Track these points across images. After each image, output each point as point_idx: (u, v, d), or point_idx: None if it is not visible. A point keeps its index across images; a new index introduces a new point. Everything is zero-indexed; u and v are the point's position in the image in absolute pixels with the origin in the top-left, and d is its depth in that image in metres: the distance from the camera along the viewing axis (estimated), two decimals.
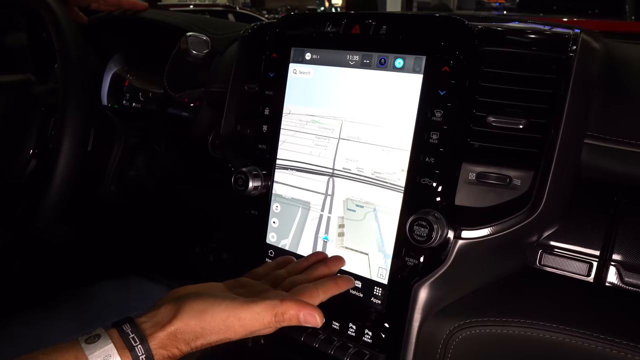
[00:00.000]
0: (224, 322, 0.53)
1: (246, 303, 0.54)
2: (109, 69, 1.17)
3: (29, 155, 0.90)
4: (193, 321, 0.53)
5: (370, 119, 0.67)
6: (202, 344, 0.54)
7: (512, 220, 0.60)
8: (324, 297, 0.58)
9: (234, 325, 0.54)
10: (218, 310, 0.53)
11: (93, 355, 0.50)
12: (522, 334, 0.61)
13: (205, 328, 0.53)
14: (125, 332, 0.52)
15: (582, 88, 0.60)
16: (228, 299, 0.54)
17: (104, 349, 0.50)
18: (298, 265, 0.66)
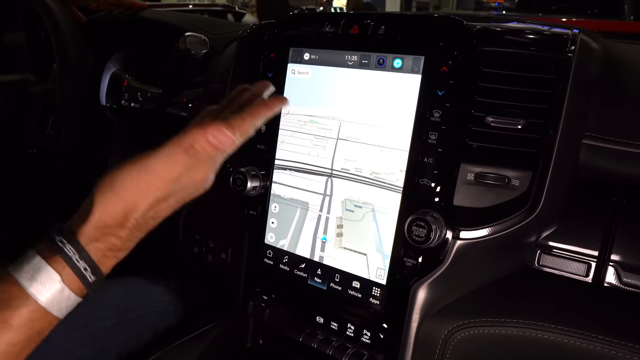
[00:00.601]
0: (137, 182, 0.48)
1: (151, 152, 0.49)
2: (107, 69, 1.16)
3: (27, 155, 0.90)
4: (109, 199, 0.48)
5: (369, 119, 0.67)
6: (137, 219, 0.49)
7: (510, 220, 0.60)
8: (252, 121, 0.53)
9: (150, 181, 0.48)
10: (125, 173, 0.48)
11: (21, 273, 0.46)
12: (521, 334, 0.61)
13: (126, 199, 0.48)
14: (51, 238, 0.47)
15: (581, 88, 0.60)
16: (133, 159, 0.49)
17: (32, 263, 0.46)
18: (221, 106, 0.58)
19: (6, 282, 0.46)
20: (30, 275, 0.45)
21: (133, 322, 0.86)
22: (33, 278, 0.45)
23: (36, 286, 0.45)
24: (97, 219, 0.48)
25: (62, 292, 0.46)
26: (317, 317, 0.72)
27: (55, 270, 0.46)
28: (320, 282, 0.71)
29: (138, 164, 0.48)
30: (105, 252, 0.48)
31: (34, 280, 0.45)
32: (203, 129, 0.49)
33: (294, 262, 0.74)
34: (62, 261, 0.46)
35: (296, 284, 0.74)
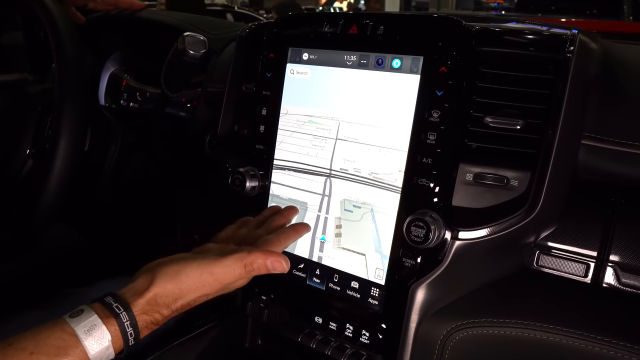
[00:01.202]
0: (199, 279, 0.57)
1: (217, 259, 0.58)
2: (106, 69, 1.16)
3: (25, 156, 0.90)
4: (169, 284, 0.57)
5: (368, 120, 0.67)
6: (182, 304, 0.58)
7: (509, 221, 0.60)
8: (285, 243, 0.64)
9: (208, 281, 0.57)
10: (191, 269, 0.57)
11: (79, 326, 0.52)
12: (520, 335, 0.61)
13: (182, 288, 0.57)
14: (108, 303, 0.55)
15: (580, 89, 0.60)
16: (199, 258, 0.59)
17: (89, 320, 0.53)
18: (256, 221, 0.71)
19: (64, 332, 0.52)
20: (86, 330, 0.53)
21: None
22: (89, 333, 0.52)
23: (90, 341, 0.52)
24: (153, 295, 0.56)
25: (107, 350, 0.53)
26: (315, 318, 0.72)
27: (108, 331, 0.53)
28: (319, 282, 0.71)
29: (204, 265, 0.58)
30: (148, 323, 0.56)
31: (89, 335, 0.52)
32: (264, 255, 0.59)
33: (293, 262, 0.74)
34: (115, 325, 0.54)
35: (295, 284, 0.74)
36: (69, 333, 0.52)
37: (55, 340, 0.52)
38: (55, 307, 0.88)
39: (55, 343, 0.52)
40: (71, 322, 0.53)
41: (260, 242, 0.63)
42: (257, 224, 0.71)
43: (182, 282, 0.57)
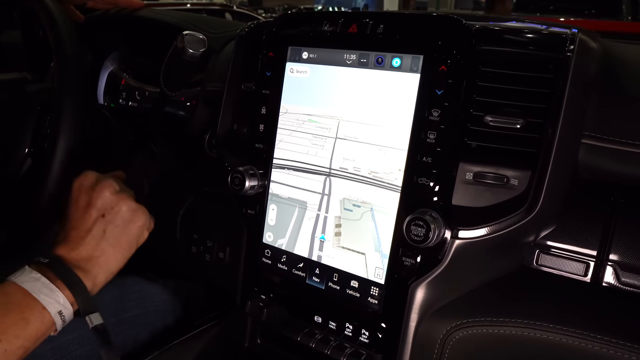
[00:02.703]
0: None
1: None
2: (105, 68, 1.16)
3: (24, 154, 0.89)
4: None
5: (368, 119, 0.67)
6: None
7: (509, 220, 0.60)
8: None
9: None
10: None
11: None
12: (519, 334, 0.61)
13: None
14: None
15: (580, 88, 0.60)
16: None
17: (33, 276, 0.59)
18: None
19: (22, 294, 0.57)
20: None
21: (131, 322, 0.86)
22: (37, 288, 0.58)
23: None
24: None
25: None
26: (315, 317, 0.72)
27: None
28: (319, 281, 0.71)
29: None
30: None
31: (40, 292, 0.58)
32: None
33: (292, 261, 0.74)
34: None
35: (294, 283, 0.74)
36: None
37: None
38: None
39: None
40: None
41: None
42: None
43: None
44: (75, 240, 0.63)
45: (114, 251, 0.65)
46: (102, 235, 0.64)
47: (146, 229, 0.69)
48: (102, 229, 0.64)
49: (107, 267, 0.64)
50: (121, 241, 0.66)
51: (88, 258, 0.63)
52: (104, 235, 0.64)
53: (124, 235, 0.66)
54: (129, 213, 0.67)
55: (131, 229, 0.67)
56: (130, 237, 0.67)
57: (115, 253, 0.65)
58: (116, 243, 0.65)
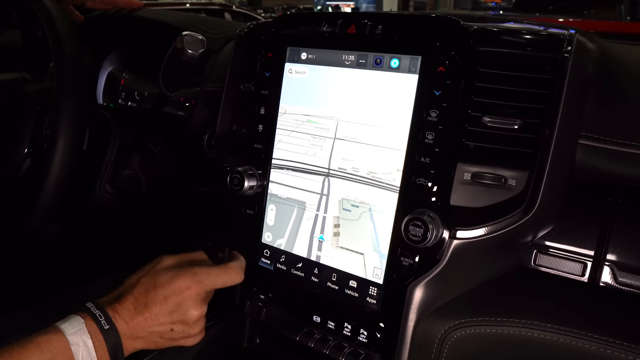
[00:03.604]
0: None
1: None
2: (104, 68, 1.16)
3: (23, 154, 0.90)
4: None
5: (366, 119, 0.67)
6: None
7: (507, 220, 0.60)
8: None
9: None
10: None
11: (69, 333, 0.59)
12: (517, 334, 0.61)
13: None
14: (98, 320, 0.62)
15: (577, 88, 0.61)
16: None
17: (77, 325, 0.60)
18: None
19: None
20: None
21: None
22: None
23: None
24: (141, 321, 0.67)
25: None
26: (314, 317, 0.72)
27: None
28: (317, 281, 0.71)
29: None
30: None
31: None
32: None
33: (291, 261, 0.74)
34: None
35: (293, 283, 0.74)
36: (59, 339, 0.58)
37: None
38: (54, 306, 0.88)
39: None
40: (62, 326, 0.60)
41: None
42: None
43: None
44: (136, 322, 0.64)
45: (152, 345, 0.67)
46: (157, 338, 0.66)
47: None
48: (160, 335, 0.66)
49: (139, 348, 0.66)
50: (165, 343, 0.68)
51: (134, 337, 0.64)
52: (158, 339, 0.66)
53: (170, 342, 0.68)
54: (189, 337, 0.69)
55: (179, 342, 0.69)
56: (173, 344, 0.69)
57: (151, 345, 0.67)
58: (160, 341, 0.67)
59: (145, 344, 0.65)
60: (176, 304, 0.65)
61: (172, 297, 0.65)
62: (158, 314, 0.64)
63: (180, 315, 0.65)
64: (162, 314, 0.64)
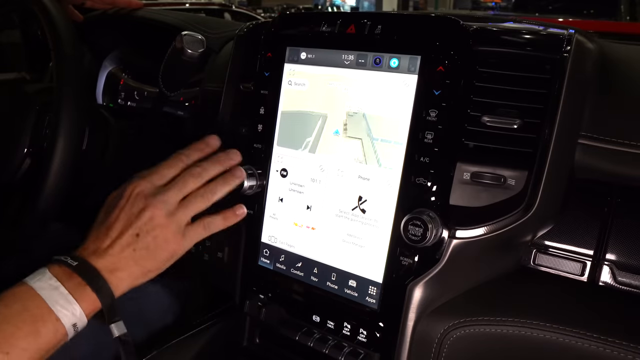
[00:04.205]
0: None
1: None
2: (104, 68, 1.16)
3: (23, 155, 0.89)
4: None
5: (365, 118, 0.67)
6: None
7: (506, 219, 0.60)
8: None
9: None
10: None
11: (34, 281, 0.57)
12: (516, 333, 0.61)
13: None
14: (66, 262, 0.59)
15: (576, 88, 0.61)
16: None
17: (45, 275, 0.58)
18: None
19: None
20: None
21: (128, 322, 0.86)
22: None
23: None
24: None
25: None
26: (313, 316, 0.72)
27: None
28: (317, 280, 0.72)
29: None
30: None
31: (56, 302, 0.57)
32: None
33: (291, 260, 0.74)
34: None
35: (293, 282, 0.74)
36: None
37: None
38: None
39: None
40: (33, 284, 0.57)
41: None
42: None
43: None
44: (103, 249, 0.61)
45: (136, 268, 0.62)
46: (130, 252, 0.62)
47: (176, 255, 0.66)
48: (132, 247, 0.62)
49: (127, 281, 0.62)
50: (146, 262, 0.63)
51: (112, 269, 0.60)
52: (133, 253, 0.62)
53: (150, 258, 0.63)
54: (163, 241, 0.63)
55: (159, 254, 0.64)
56: (157, 261, 0.64)
57: (136, 270, 0.62)
58: (140, 262, 0.62)
59: (127, 265, 0.61)
60: (134, 209, 0.62)
61: (127, 204, 0.63)
62: (119, 225, 0.61)
63: (140, 213, 0.62)
64: (122, 222, 0.61)
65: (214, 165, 0.69)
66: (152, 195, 0.63)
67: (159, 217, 0.62)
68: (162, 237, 0.63)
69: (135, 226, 0.62)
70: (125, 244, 0.61)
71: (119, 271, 0.60)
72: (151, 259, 0.63)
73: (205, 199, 0.66)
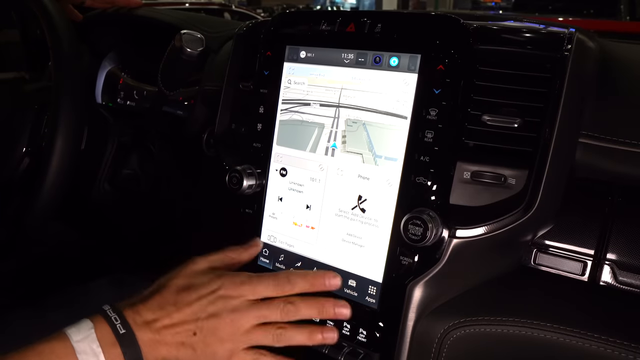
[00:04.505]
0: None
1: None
2: (103, 67, 1.16)
3: (21, 154, 0.89)
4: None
5: (365, 118, 0.67)
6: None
7: (506, 219, 0.60)
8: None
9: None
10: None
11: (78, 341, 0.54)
12: (517, 333, 0.61)
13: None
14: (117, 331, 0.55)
15: (577, 87, 0.60)
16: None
17: (88, 333, 0.54)
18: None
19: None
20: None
21: None
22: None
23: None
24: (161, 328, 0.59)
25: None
26: None
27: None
28: None
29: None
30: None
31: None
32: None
33: (290, 260, 0.74)
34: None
35: None
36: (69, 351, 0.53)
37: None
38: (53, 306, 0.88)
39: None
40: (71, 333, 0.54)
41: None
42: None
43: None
44: (157, 327, 0.57)
45: (173, 352, 0.58)
46: (178, 344, 0.57)
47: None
48: (182, 340, 0.57)
49: (160, 357, 0.57)
50: (183, 354, 0.58)
51: (154, 345, 0.56)
52: (180, 345, 0.57)
53: (189, 356, 0.58)
54: (211, 354, 0.58)
55: (198, 356, 0.58)
56: (197, 354, 0.58)
57: (172, 352, 0.58)
58: (181, 353, 0.58)
59: (168, 351, 0.57)
60: (209, 308, 0.57)
61: (206, 297, 0.57)
62: (186, 314, 0.57)
63: (211, 317, 0.57)
64: (190, 312, 0.57)
65: (309, 310, 0.61)
66: (232, 310, 0.58)
67: (226, 332, 0.57)
68: (210, 350, 0.57)
69: (199, 325, 0.57)
70: (180, 333, 0.57)
71: (158, 350, 0.57)
72: (189, 358, 0.58)
73: (274, 341, 0.59)
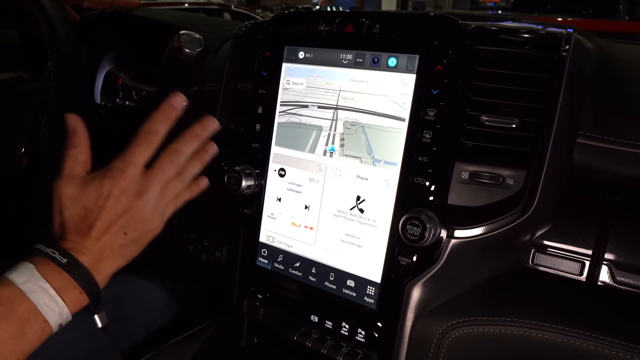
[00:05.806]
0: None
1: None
2: (102, 67, 1.16)
3: (20, 154, 0.89)
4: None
5: (363, 118, 0.67)
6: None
7: (505, 219, 0.60)
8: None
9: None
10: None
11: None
12: (515, 333, 0.61)
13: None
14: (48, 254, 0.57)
15: (575, 87, 0.60)
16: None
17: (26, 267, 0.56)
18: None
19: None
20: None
21: (127, 321, 0.86)
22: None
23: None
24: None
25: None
26: (311, 316, 0.72)
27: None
28: (315, 280, 0.71)
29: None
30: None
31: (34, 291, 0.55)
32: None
33: (289, 260, 0.74)
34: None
35: (291, 282, 0.74)
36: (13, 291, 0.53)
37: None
38: None
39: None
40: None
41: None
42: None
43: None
44: (87, 246, 0.59)
45: (120, 258, 0.61)
46: (118, 247, 0.60)
47: (155, 235, 0.65)
48: (119, 243, 0.60)
49: (111, 271, 0.61)
50: (131, 252, 0.62)
51: (97, 261, 0.59)
52: (120, 248, 0.61)
53: (135, 248, 0.62)
54: (149, 231, 0.63)
55: (144, 241, 0.63)
56: (141, 247, 0.63)
57: (121, 260, 0.61)
58: (127, 253, 0.62)
59: (114, 260, 0.60)
60: (118, 209, 0.60)
61: (107, 201, 0.60)
62: (105, 222, 0.59)
63: (126, 212, 0.60)
64: (108, 220, 0.59)
65: (189, 144, 0.65)
66: (135, 195, 0.61)
67: (145, 212, 0.61)
68: (148, 228, 0.62)
69: (121, 224, 0.60)
70: (112, 241, 0.60)
71: (104, 263, 0.59)
72: (136, 249, 0.62)
73: (184, 184, 0.65)
